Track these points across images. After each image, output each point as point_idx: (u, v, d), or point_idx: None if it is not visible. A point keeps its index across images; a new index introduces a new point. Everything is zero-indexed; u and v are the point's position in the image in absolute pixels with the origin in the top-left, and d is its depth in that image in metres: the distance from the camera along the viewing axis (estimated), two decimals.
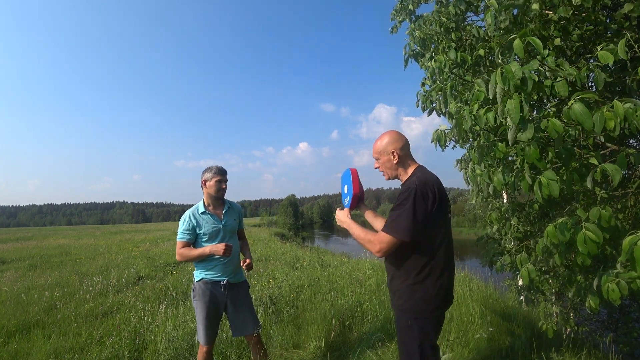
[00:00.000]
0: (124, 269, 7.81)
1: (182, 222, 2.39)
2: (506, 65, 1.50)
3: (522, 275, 2.19)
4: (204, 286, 2.40)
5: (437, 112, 2.51)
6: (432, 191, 1.55)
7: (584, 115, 1.35)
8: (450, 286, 1.69)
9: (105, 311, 4.49)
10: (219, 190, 2.41)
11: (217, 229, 2.41)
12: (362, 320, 3.81)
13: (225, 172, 2.46)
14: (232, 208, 2.56)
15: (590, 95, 1.42)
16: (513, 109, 1.45)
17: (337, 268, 7.75)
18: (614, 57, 1.55)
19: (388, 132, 1.79)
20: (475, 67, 2.44)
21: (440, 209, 1.58)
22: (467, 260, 12.39)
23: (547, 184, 1.58)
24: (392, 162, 1.73)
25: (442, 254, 1.62)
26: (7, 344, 3.47)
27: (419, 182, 1.57)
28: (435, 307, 1.61)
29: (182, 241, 2.38)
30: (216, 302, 2.40)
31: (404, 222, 1.51)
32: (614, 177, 1.46)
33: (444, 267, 1.62)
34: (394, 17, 3.31)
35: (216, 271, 2.41)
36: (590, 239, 1.55)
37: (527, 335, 3.18)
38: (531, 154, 1.59)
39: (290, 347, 3.25)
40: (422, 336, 1.61)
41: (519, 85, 1.45)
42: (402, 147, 1.73)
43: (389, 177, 1.80)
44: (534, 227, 2.76)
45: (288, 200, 69.38)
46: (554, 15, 2.03)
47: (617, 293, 1.58)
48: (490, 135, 2.03)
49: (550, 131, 1.46)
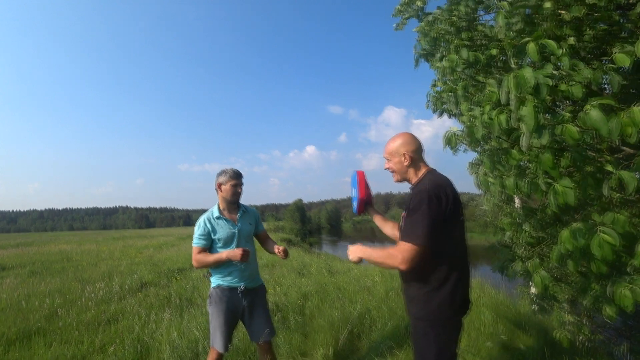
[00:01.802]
0: (127, 276, 7.75)
1: (197, 227, 2.37)
2: (519, 70, 1.46)
3: (536, 282, 2.13)
4: (220, 292, 2.36)
5: (448, 114, 2.47)
6: (445, 194, 1.50)
7: (601, 121, 1.31)
8: (467, 292, 1.64)
9: (107, 318, 4.43)
10: (235, 194, 2.39)
11: (232, 234, 2.38)
12: (370, 327, 3.74)
13: (240, 175, 2.44)
14: (248, 212, 2.53)
15: (608, 101, 1.38)
16: (527, 115, 1.41)
17: (345, 274, 7.66)
18: (630, 58, 1.51)
19: (402, 134, 1.75)
20: (487, 67, 2.41)
21: (454, 212, 1.52)
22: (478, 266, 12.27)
23: (563, 192, 1.53)
24: (402, 164, 1.70)
25: (458, 258, 1.57)
26: (8, 352, 3.42)
27: (432, 185, 1.53)
28: (452, 314, 1.55)
29: (197, 247, 2.36)
30: (233, 308, 2.36)
31: (423, 228, 1.45)
32: (629, 184, 1.42)
33: (461, 272, 1.57)
34: (399, 14, 3.20)
35: (233, 277, 2.37)
36: (606, 241, 1.50)
37: (539, 343, 3.11)
38: (545, 161, 1.55)
39: (298, 355, 3.18)
40: (440, 345, 1.54)
41: (532, 92, 1.42)
42: (415, 150, 1.70)
43: (398, 179, 1.76)
44: (547, 233, 2.70)
45: (295, 205, 68.90)
46: (568, 15, 2.00)
47: (630, 299, 1.53)
48: (503, 141, 1.99)
49: (566, 137, 1.42)
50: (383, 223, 2.08)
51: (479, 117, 1.75)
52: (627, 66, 1.56)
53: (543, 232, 2.67)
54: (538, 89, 1.41)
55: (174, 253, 13.69)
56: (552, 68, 1.52)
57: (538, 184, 1.68)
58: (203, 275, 7.77)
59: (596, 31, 2.08)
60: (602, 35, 2.16)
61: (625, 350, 3.20)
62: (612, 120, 1.31)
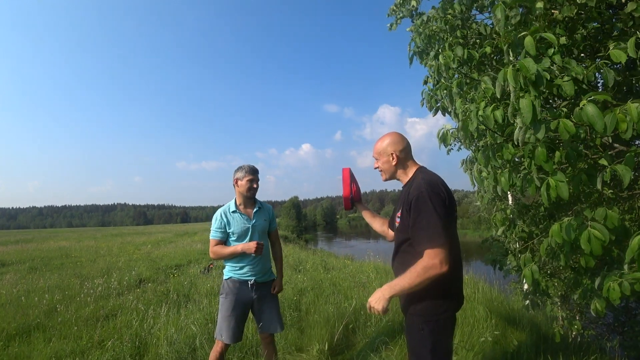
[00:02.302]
0: (125, 272, 7.78)
1: (215, 221, 2.47)
2: (520, 61, 1.47)
3: (526, 275, 2.15)
4: (232, 284, 2.45)
5: (442, 111, 2.49)
6: (442, 191, 1.54)
7: (596, 116, 1.32)
8: (460, 287, 1.67)
9: (106, 314, 4.45)
10: (250, 189, 2.46)
11: (246, 228, 2.46)
12: (365, 323, 3.78)
13: (256, 171, 2.52)
14: (263, 208, 2.60)
15: (604, 96, 1.40)
16: (526, 108, 1.43)
17: (340, 271, 7.71)
18: (625, 54, 1.53)
19: (390, 134, 1.78)
20: (481, 65, 2.42)
21: (450, 209, 1.56)
22: (472, 263, 12.35)
23: (556, 186, 1.55)
24: (390, 163, 1.73)
25: (452, 254, 1.58)
26: (8, 348, 3.45)
27: (428, 184, 1.55)
28: (446, 309, 1.58)
29: (214, 239, 2.46)
30: (243, 300, 2.44)
31: (437, 229, 1.45)
32: (624, 177, 1.44)
33: (453, 268, 1.57)
34: (393, 13, 3.22)
35: (245, 271, 2.45)
36: (595, 236, 1.52)
37: (532, 339, 3.15)
38: (539, 155, 1.56)
39: (294, 350, 3.22)
40: (434, 340, 1.56)
41: (534, 81, 1.42)
42: (403, 149, 1.73)
43: (386, 178, 1.79)
44: (539, 228, 2.73)
45: (291, 202, 69.00)
46: (559, 15, 2.01)
47: (618, 292, 1.55)
48: (497, 135, 2.01)
49: (562, 132, 1.44)
50: (372, 219, 2.11)
51: (474, 112, 1.77)
52: (623, 62, 1.57)
53: (536, 228, 2.71)
54: (538, 80, 1.43)
55: (172, 250, 13.74)
56: (549, 62, 1.53)
57: (532, 179, 1.70)
58: (200, 272, 7.81)
59: (589, 30, 2.10)
60: (594, 34, 2.18)
61: (616, 345, 3.25)
62: (608, 115, 1.32)
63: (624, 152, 1.76)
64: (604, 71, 1.63)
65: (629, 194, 2.28)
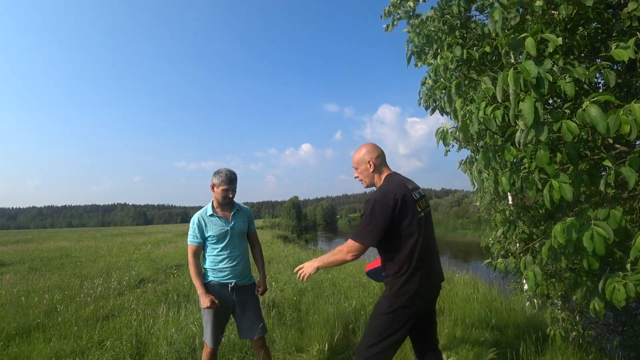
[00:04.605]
0: (125, 272, 7.77)
1: (191, 225, 2.43)
2: (520, 64, 1.47)
3: (528, 276, 2.15)
4: (212, 288, 2.41)
5: (440, 111, 2.49)
6: (393, 199, 1.73)
7: (599, 118, 1.32)
8: (427, 283, 1.81)
9: (106, 314, 4.46)
10: (225, 198, 2.42)
11: (225, 231, 2.42)
12: (365, 323, 3.77)
13: (233, 180, 2.43)
14: (241, 210, 2.56)
15: (607, 97, 1.39)
16: (527, 110, 1.42)
17: (340, 271, 7.69)
18: (627, 54, 1.52)
19: (365, 144, 1.99)
20: (480, 65, 2.42)
21: (403, 212, 1.74)
22: (471, 263, 12.34)
23: (559, 188, 1.55)
24: (369, 170, 1.93)
25: (416, 251, 1.76)
26: (7, 348, 3.44)
27: (379, 193, 1.79)
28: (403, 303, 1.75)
29: (192, 245, 2.41)
30: (224, 304, 2.41)
31: (365, 230, 1.74)
32: (629, 179, 1.43)
33: (418, 264, 1.76)
34: (389, 15, 3.16)
35: (226, 274, 2.42)
36: (599, 234, 1.51)
37: (532, 339, 3.14)
38: (541, 157, 1.56)
39: (294, 350, 3.22)
40: (391, 325, 1.77)
41: (535, 84, 1.42)
42: (377, 156, 1.94)
43: (367, 185, 1.98)
44: (539, 230, 2.72)
45: (291, 202, 68.89)
46: (559, 15, 2.01)
47: (623, 294, 1.54)
48: (498, 137, 2.00)
49: (565, 133, 1.43)
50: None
51: (475, 113, 1.76)
52: (625, 60, 1.56)
53: (536, 229, 2.70)
54: (539, 82, 1.43)
55: (172, 249, 13.73)
56: (550, 64, 1.52)
57: (533, 180, 1.70)
58: None
59: (588, 30, 2.09)
60: (594, 34, 2.18)
61: (616, 345, 3.25)
62: (611, 117, 1.32)
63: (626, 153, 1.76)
64: (604, 72, 1.62)
65: (630, 194, 2.27)
